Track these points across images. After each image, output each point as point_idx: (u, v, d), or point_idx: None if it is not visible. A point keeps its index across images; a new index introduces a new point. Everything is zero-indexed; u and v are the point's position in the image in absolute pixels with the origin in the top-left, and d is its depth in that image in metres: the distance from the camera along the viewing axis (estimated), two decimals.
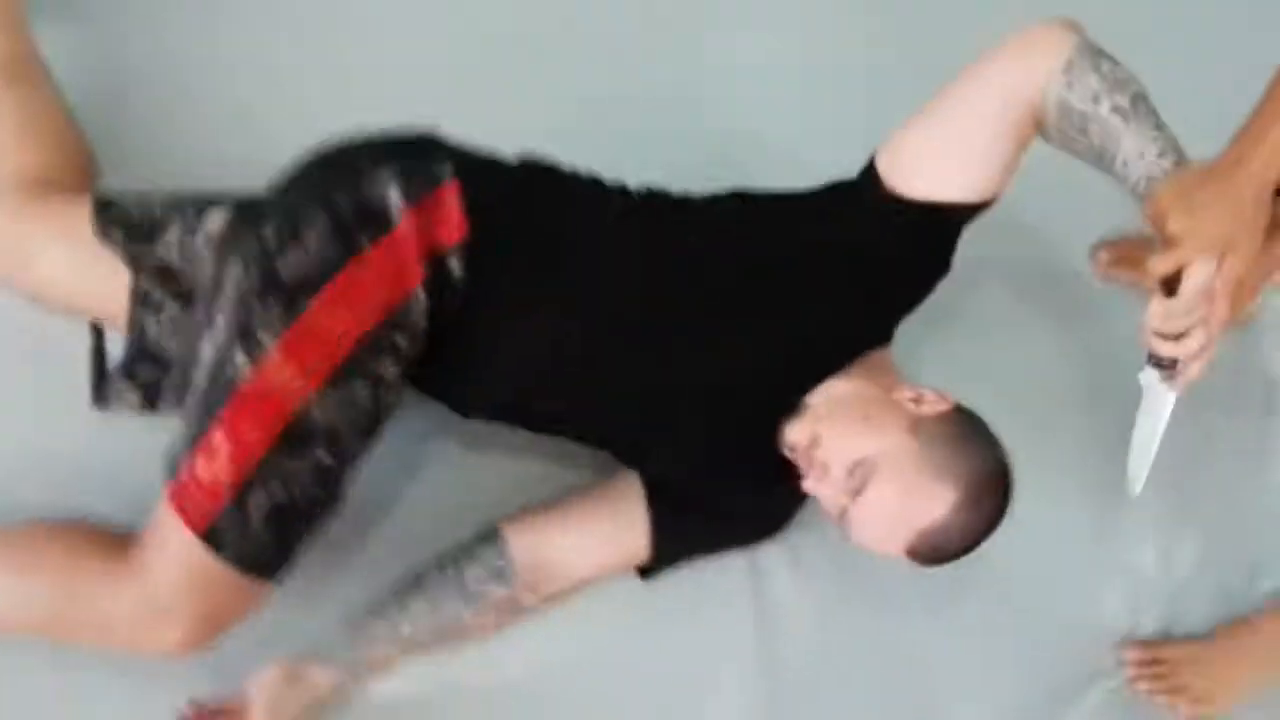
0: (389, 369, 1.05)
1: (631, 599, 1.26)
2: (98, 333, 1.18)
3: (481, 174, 1.10)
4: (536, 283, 1.09)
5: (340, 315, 1.01)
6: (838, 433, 1.08)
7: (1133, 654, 1.39)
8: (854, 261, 1.12)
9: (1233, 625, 1.42)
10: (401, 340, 1.05)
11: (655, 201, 1.16)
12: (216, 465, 0.99)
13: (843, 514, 1.08)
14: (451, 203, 1.05)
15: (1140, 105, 1.00)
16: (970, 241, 1.15)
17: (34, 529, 1.07)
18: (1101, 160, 1.02)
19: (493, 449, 1.28)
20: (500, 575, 1.17)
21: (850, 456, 1.05)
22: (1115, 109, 0.99)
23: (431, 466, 1.28)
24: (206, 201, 1.13)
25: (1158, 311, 0.96)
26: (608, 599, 1.25)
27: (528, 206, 1.11)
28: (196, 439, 1.00)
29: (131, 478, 1.08)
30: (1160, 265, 0.95)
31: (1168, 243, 0.95)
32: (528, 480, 1.27)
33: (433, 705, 1.21)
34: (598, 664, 1.25)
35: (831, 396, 1.12)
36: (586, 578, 1.22)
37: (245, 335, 1.01)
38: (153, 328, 1.14)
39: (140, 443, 1.09)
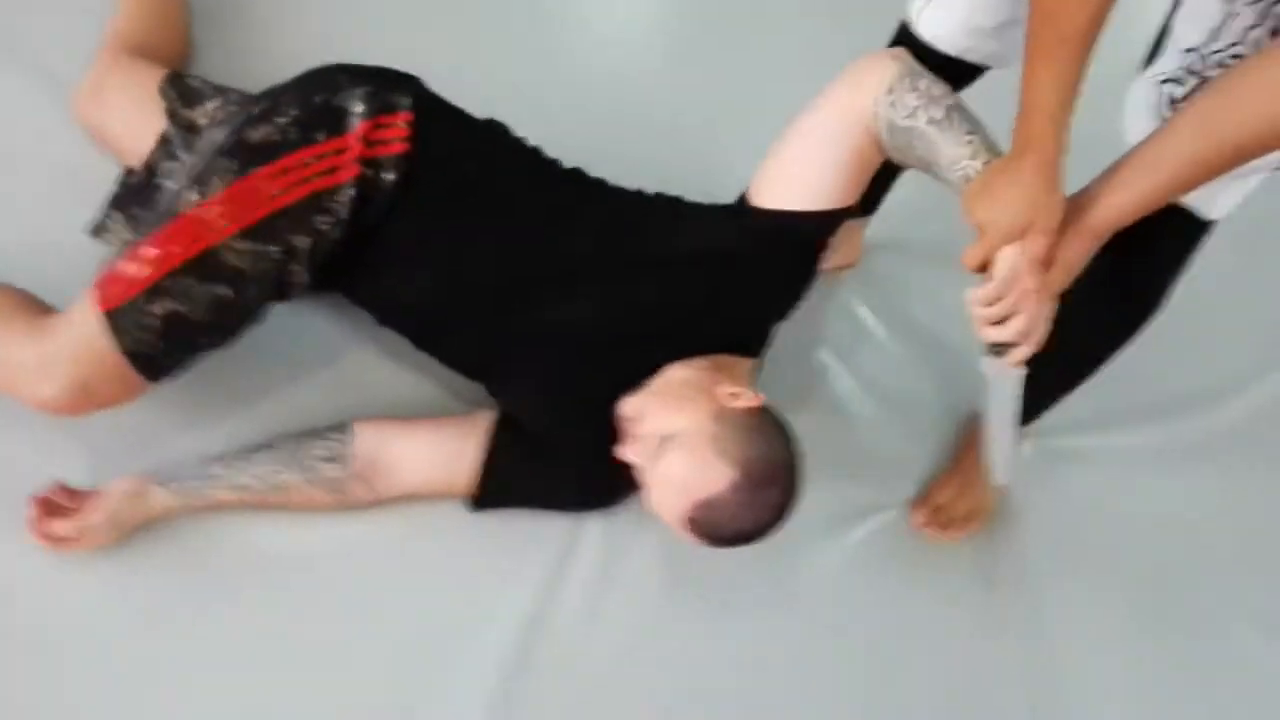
0: (302, 243, 1.23)
1: (452, 520, 1.38)
2: (128, 173, 1.43)
3: (436, 113, 1.31)
4: (451, 208, 1.28)
5: (277, 184, 1.21)
6: (657, 409, 1.22)
7: (918, 518, 1.52)
8: (717, 264, 1.28)
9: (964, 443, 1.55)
10: (321, 222, 1.23)
11: (575, 177, 1.36)
12: (138, 266, 1.18)
13: (646, 481, 1.21)
14: (400, 126, 1.26)
15: (953, 115, 1.13)
16: None
17: None
18: (932, 169, 1.16)
19: (402, 363, 1.45)
20: (338, 459, 1.31)
21: (661, 430, 1.20)
22: (931, 121, 1.13)
23: (343, 363, 1.46)
24: (252, 97, 1.37)
25: (975, 297, 1.06)
26: (431, 514, 1.38)
27: (465, 148, 1.32)
28: (134, 246, 1.20)
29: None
30: (971, 255, 1.07)
31: (977, 233, 1.05)
32: (418, 395, 1.44)
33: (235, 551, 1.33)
34: (396, 561, 1.37)
35: (666, 379, 1.27)
36: (413, 487, 1.35)
37: (203, 179, 1.22)
38: (163, 169, 1.38)
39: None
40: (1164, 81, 1.10)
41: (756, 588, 1.46)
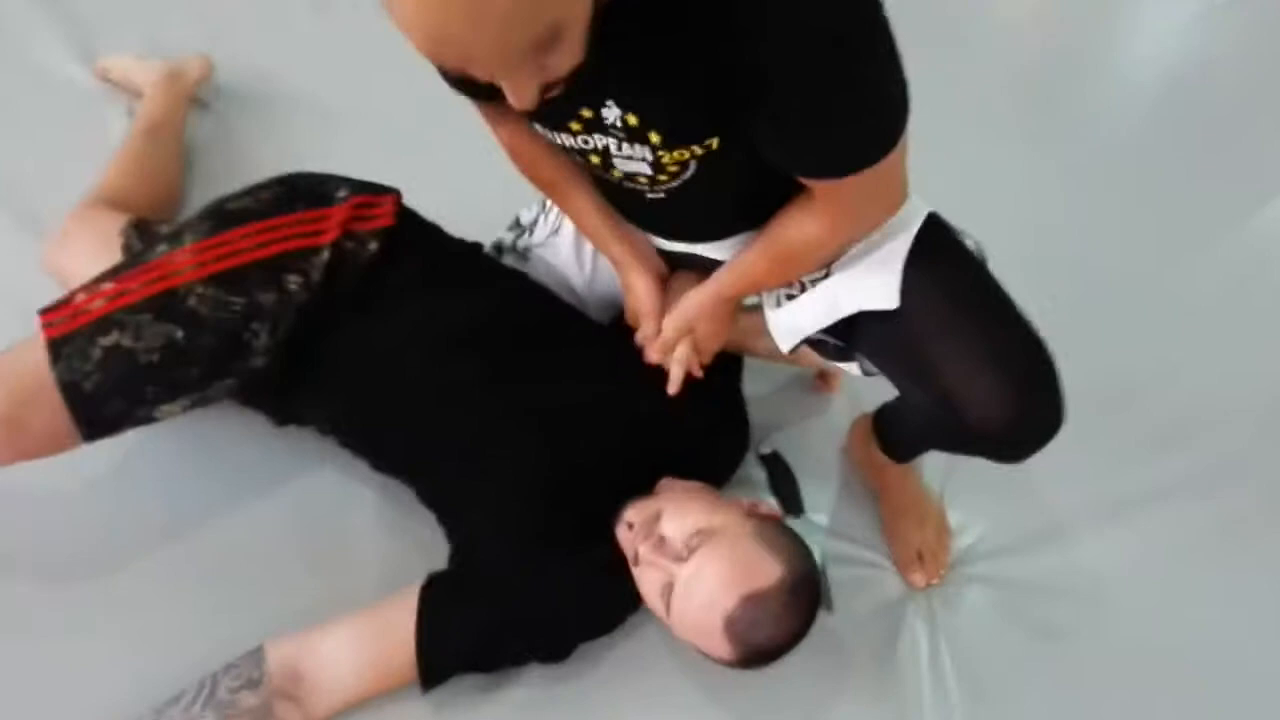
0: (267, 299, 1.14)
1: None
2: None
3: (415, 216, 1.31)
4: (421, 294, 1.23)
5: (252, 240, 1.16)
6: (682, 509, 1.15)
7: (918, 580, 1.38)
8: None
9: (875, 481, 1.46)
10: (291, 281, 1.15)
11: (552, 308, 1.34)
12: (93, 299, 1.10)
13: (669, 590, 1.10)
14: (388, 205, 1.24)
15: None
16: None
17: None
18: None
19: (396, 510, 1.32)
20: (253, 684, 1.10)
21: (692, 527, 1.12)
22: None
23: (338, 509, 1.34)
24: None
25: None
26: None
27: (444, 243, 1.31)
28: (93, 282, 1.12)
29: None
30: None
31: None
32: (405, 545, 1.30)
33: None
34: None
35: (671, 485, 1.22)
36: (350, 686, 1.13)
37: (174, 237, 1.17)
38: None
39: None
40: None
41: None
